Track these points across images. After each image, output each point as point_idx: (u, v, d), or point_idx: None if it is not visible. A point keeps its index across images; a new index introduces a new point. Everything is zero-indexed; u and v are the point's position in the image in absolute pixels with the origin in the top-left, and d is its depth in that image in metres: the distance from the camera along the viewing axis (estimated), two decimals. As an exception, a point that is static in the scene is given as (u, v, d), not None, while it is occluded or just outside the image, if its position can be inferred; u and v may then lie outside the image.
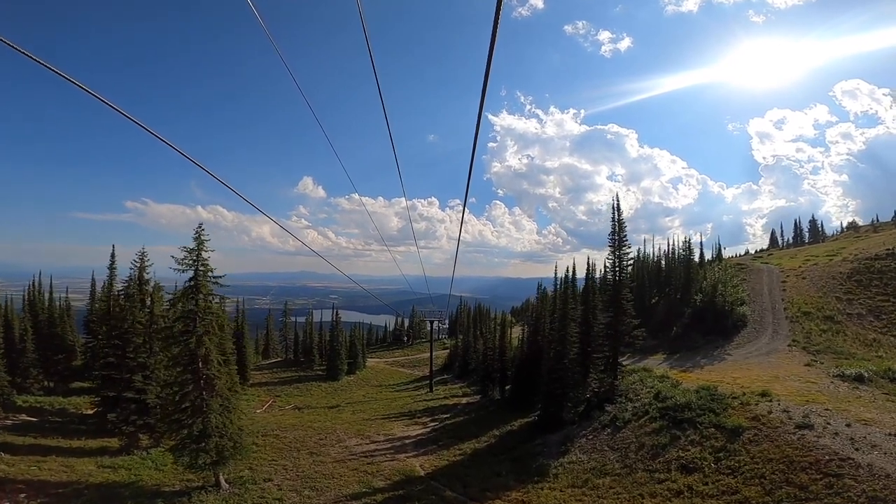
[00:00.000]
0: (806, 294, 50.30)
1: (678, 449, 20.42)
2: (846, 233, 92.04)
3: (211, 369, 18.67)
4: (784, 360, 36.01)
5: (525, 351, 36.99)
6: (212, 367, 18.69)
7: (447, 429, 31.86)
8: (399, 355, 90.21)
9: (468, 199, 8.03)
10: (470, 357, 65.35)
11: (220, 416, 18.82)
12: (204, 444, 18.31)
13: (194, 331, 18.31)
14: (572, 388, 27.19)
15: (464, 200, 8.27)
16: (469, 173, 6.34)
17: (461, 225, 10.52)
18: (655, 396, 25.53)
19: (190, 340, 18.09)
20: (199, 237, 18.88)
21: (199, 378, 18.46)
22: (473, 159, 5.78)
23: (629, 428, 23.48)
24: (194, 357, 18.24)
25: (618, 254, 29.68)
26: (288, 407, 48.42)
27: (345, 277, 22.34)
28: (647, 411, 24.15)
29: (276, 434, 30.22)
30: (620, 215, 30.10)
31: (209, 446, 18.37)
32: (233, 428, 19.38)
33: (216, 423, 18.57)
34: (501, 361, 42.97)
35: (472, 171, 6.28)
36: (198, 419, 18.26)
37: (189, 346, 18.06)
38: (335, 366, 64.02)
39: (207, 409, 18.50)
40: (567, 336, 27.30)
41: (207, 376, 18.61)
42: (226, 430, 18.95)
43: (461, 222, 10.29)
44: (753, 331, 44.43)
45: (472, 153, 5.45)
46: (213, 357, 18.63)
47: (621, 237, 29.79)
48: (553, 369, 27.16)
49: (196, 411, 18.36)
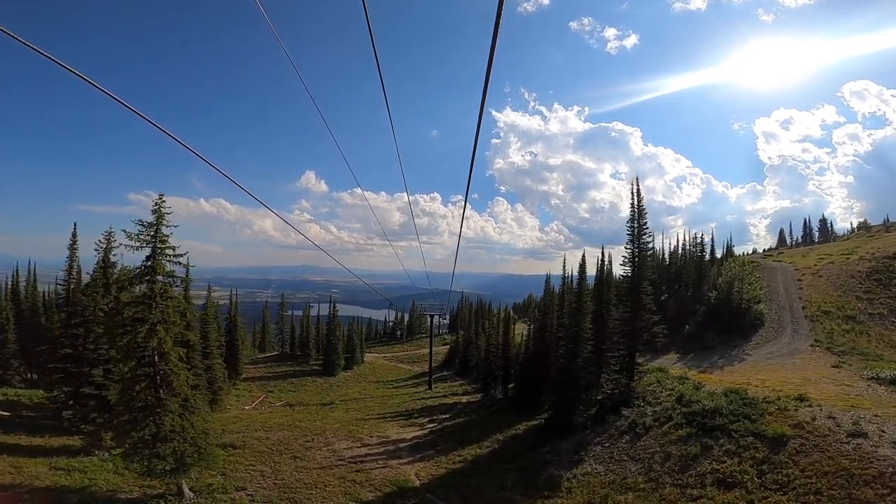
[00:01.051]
0: (824, 293, 47.70)
1: (712, 460, 17.61)
2: (858, 232, 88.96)
3: (168, 364, 15.76)
4: (809, 361, 33.39)
5: (531, 348, 34.10)
6: (169, 361, 15.78)
7: (446, 431, 28.98)
8: (398, 350, 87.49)
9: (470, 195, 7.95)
10: (471, 353, 62.56)
11: (178, 418, 15.91)
12: (159, 449, 15.44)
13: (146, 319, 15.36)
14: (585, 389, 24.28)
15: (465, 196, 7.87)
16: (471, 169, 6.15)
17: (462, 221, 10.12)
18: (678, 400, 22.64)
19: (140, 330, 15.15)
20: (158, 209, 15.94)
21: (154, 374, 15.57)
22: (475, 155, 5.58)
23: (651, 435, 20.58)
24: (146, 350, 15.32)
25: (637, 243, 26.70)
26: (279, 403, 45.63)
27: (346, 272, 20.03)
28: (670, 416, 21.26)
29: (258, 435, 27.36)
30: (641, 202, 27.12)
31: (165, 452, 15.51)
32: (194, 431, 16.47)
33: (174, 425, 15.68)
34: (505, 359, 40.09)
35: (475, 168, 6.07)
36: (151, 421, 15.37)
37: (138, 337, 15.12)
38: (331, 361, 61.29)
39: (163, 409, 15.61)
40: (581, 333, 24.37)
41: (163, 372, 15.71)
42: (185, 433, 16.05)
43: (462, 218, 9.90)
44: (772, 330, 41.54)
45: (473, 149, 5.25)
46: (169, 350, 15.70)
47: (640, 225, 26.80)
48: (565, 369, 24.25)
49: (149, 412, 15.47)
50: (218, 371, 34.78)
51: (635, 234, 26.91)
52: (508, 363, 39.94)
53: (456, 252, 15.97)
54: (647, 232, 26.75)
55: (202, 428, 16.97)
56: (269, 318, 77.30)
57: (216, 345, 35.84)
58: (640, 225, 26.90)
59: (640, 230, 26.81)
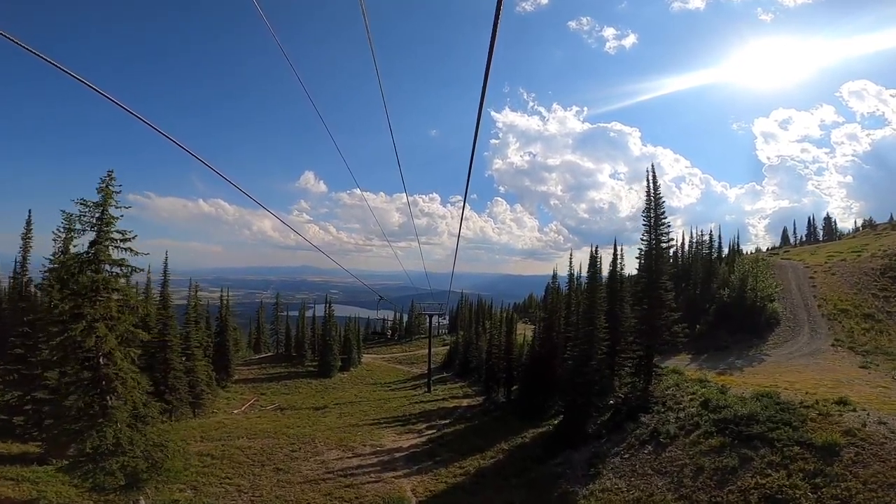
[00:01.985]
0: (839, 290, 45.61)
1: (754, 474, 15.21)
2: (863, 231, 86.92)
3: (118, 367, 13.22)
4: (833, 362, 31.21)
5: (536, 350, 31.58)
6: (116, 364, 13.24)
7: (446, 439, 26.40)
8: (397, 351, 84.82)
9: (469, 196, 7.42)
10: (471, 354, 59.95)
11: (128, 428, 13.36)
12: (106, 463, 12.90)
13: (84, 315, 12.83)
14: (599, 395, 21.77)
15: (464, 197, 7.60)
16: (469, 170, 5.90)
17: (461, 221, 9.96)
18: (704, 405, 20.20)
19: (75, 327, 12.61)
20: (106, 188, 13.40)
21: (97, 379, 13.04)
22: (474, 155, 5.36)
23: (678, 445, 18.09)
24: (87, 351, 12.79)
25: (654, 234, 24.27)
26: (270, 407, 42.99)
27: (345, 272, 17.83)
28: (697, 424, 18.79)
29: (240, 443, 24.79)
30: (657, 189, 24.70)
31: (112, 467, 12.97)
32: (147, 443, 13.90)
33: (120, 437, 13.12)
34: (508, 361, 37.54)
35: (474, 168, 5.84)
36: (94, 431, 12.82)
37: (73, 334, 12.59)
38: (327, 362, 58.65)
39: (107, 418, 13.06)
40: (595, 333, 21.84)
41: (107, 376, 13.16)
42: (136, 446, 13.48)
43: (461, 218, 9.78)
44: (788, 329, 39.24)
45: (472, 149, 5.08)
46: (114, 351, 13.16)
47: (658, 214, 24.37)
48: (576, 372, 21.71)
49: (91, 421, 12.92)
50: (201, 373, 32.24)
51: (652, 225, 24.49)
52: (511, 365, 37.42)
53: (455, 252, 15.30)
54: (664, 222, 24.34)
55: (157, 440, 14.40)
56: (263, 319, 74.67)
57: (198, 346, 33.32)
58: (656, 215, 24.49)
59: (656, 220, 24.39)
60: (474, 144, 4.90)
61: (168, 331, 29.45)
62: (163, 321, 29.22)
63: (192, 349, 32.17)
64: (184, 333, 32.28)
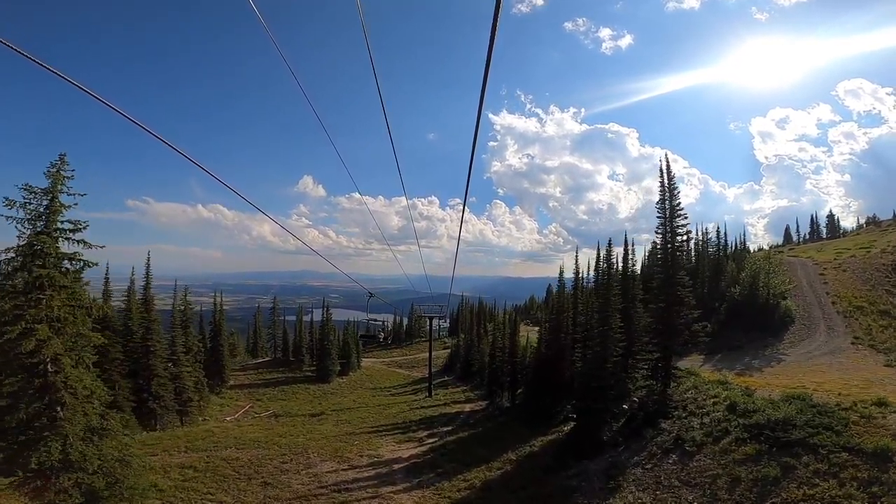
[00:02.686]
0: (852, 287, 43.99)
1: (799, 484, 13.42)
2: (868, 227, 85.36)
3: (66, 374, 11.39)
4: (856, 361, 29.46)
5: (542, 352, 29.74)
6: (64, 370, 11.42)
7: (449, 448, 24.48)
8: (397, 355, 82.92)
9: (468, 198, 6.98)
10: (473, 357, 58.11)
11: (81, 441, 11.51)
12: (55, 481, 11.06)
13: (23, 316, 11.02)
14: (615, 399, 19.91)
15: (464, 199, 7.33)
16: (469, 172, 5.70)
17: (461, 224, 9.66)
18: (730, 409, 18.41)
19: (12, 329, 10.82)
20: (57, 172, 11.60)
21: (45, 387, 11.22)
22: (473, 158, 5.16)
23: (706, 453, 16.23)
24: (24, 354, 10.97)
25: (670, 227, 22.50)
26: (264, 414, 41.03)
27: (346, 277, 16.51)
28: (726, 430, 16.94)
29: (227, 454, 22.87)
30: (672, 179, 22.96)
31: (64, 483, 11.13)
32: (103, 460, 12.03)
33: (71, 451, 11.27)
34: (512, 364, 35.66)
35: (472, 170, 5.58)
36: (41, 446, 10.99)
37: (10, 337, 10.78)
38: (325, 367, 56.74)
39: (56, 431, 11.23)
40: (610, 333, 19.99)
41: (54, 384, 11.33)
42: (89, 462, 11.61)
43: (461, 221, 9.45)
44: (804, 327, 37.42)
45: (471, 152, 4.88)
46: (58, 355, 11.33)
47: (673, 206, 22.61)
48: (592, 376, 19.85)
49: (37, 434, 11.10)
50: (188, 380, 30.37)
51: (667, 217, 22.72)
52: (516, 368, 35.55)
53: (455, 255, 14.86)
54: (681, 213, 22.59)
55: (116, 455, 12.52)
56: (261, 323, 72.76)
57: (185, 351, 31.47)
58: (672, 206, 22.74)
59: (672, 212, 22.63)
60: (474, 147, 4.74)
61: (151, 335, 27.64)
62: (145, 325, 27.42)
63: (178, 354, 30.30)
64: (169, 338, 30.42)
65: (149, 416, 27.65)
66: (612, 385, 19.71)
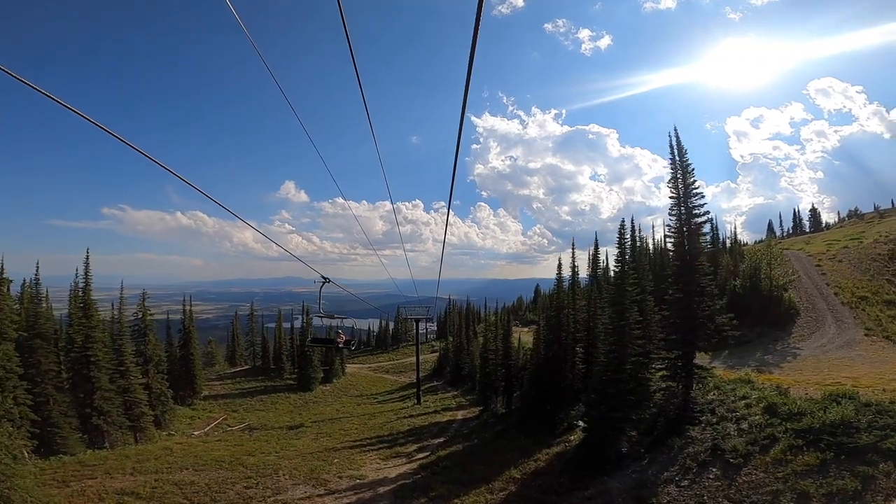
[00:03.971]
0: (851, 277, 42.71)
1: (886, 496, 10.66)
2: (850, 221, 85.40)
3: None
4: (876, 353, 27.75)
5: (541, 353, 26.81)
6: None
7: (441, 465, 21.20)
8: (384, 360, 79.41)
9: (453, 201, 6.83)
10: (463, 360, 55.06)
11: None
12: None
13: None
14: (635, 406, 16.99)
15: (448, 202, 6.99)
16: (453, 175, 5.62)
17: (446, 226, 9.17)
18: (769, 411, 15.73)
19: None
20: None
21: None
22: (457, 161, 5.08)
23: (756, 465, 13.37)
24: None
25: (685, 207, 19.81)
26: (237, 427, 37.23)
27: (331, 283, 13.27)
28: (772, 436, 14.15)
29: (181, 477, 19.20)
30: (684, 154, 20.33)
31: None
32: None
33: None
34: (507, 367, 32.64)
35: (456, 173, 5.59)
36: None
37: None
38: (307, 375, 53.08)
39: None
40: (627, 329, 17.07)
41: None
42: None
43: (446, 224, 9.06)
44: (810, 320, 35.47)
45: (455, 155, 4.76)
46: None
47: (688, 183, 19.94)
48: (609, 380, 16.89)
49: None
50: (139, 393, 26.47)
51: (681, 196, 20.02)
52: (510, 372, 32.55)
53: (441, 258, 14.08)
54: (696, 192, 19.92)
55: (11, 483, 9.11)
56: (239, 330, 68.49)
57: (135, 362, 27.52)
58: (686, 184, 20.08)
59: (686, 190, 19.95)
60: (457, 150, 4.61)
61: (92, 345, 23.81)
62: (84, 333, 23.54)
63: (126, 365, 26.42)
64: (115, 347, 26.56)
65: (96, 433, 23.88)
66: (631, 389, 16.80)
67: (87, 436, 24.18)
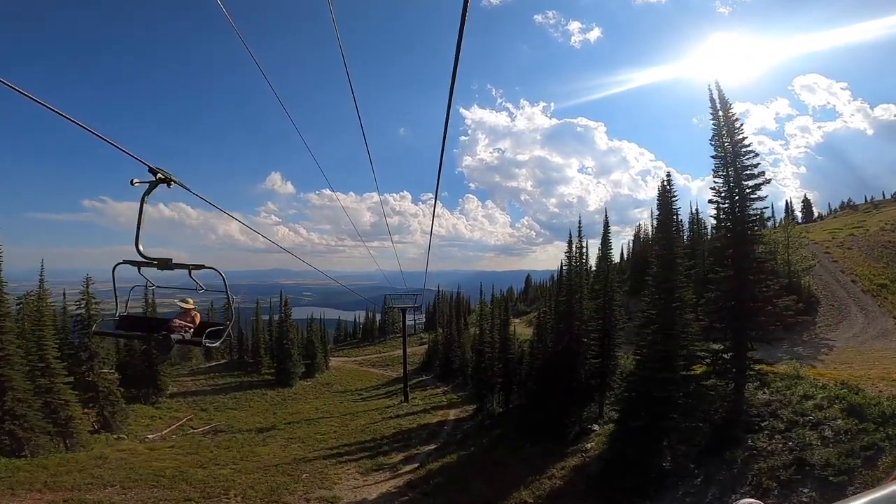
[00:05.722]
0: (865, 265, 40.16)
1: None
2: (845, 210, 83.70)
3: None
4: None
5: (548, 345, 22.96)
6: None
7: (434, 483, 17.18)
8: (370, 353, 75.24)
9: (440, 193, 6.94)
10: (453, 354, 51.14)
11: None
12: None
13: None
14: (686, 413, 13.10)
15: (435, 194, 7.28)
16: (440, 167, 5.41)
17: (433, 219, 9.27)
18: (852, 414, 12.15)
19: None
20: None
21: None
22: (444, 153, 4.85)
23: (862, 482, 9.78)
24: None
25: (733, 169, 15.96)
26: (202, 429, 32.74)
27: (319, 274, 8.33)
28: (874, 445, 10.58)
29: (104, 495, 14.84)
30: (728, 108, 16.48)
31: None
32: None
33: None
34: (504, 361, 28.75)
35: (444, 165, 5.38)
36: None
37: None
38: (286, 369, 48.59)
39: None
40: (677, 315, 13.08)
41: None
42: None
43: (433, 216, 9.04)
44: (832, 308, 32.35)
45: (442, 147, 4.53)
46: None
47: (735, 141, 16.10)
48: (654, 380, 12.94)
49: None
50: (65, 394, 21.83)
51: (728, 156, 16.17)
52: (509, 367, 28.68)
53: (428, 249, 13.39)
54: (746, 149, 16.08)
55: None
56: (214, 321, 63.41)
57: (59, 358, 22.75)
58: (733, 141, 16.26)
59: (735, 147, 16.12)
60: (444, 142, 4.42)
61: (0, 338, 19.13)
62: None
63: (47, 361, 21.71)
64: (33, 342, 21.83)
65: (12, 439, 19.34)
66: (684, 393, 12.90)
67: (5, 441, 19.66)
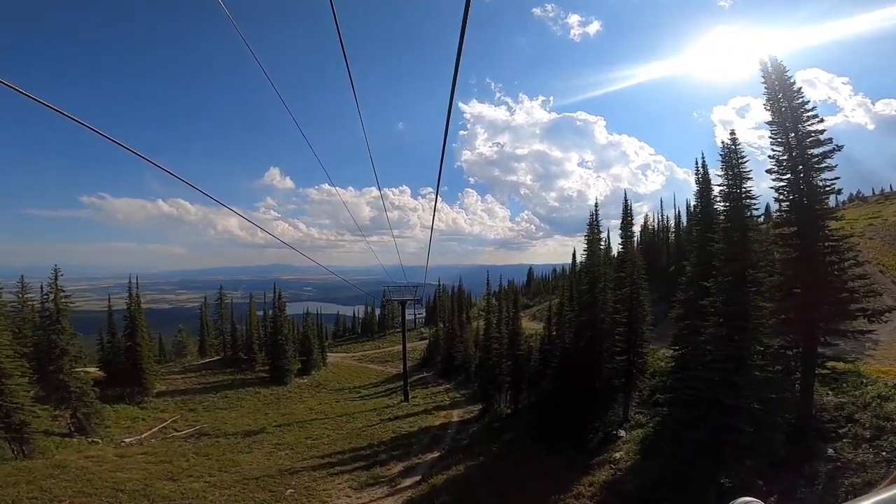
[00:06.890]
0: (889, 254, 38.57)
1: None
2: (854, 202, 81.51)
3: None
4: None
5: (566, 340, 20.34)
6: None
7: (438, 500, 14.63)
8: (370, 348, 72.84)
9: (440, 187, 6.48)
10: (455, 349, 48.62)
11: None
12: None
13: None
14: (763, 427, 10.42)
15: (436, 189, 6.96)
16: (441, 161, 5.19)
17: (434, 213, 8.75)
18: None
19: None
20: None
21: None
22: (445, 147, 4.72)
23: None
24: None
25: (795, 134, 13.28)
26: (184, 432, 30.15)
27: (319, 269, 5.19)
28: None
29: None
30: (783, 72, 13.76)
31: None
32: None
33: None
34: (514, 358, 26.14)
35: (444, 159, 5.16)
36: None
37: None
38: (280, 366, 46.02)
39: None
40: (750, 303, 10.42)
41: None
42: None
43: (434, 210, 8.60)
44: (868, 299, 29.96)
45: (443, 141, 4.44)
46: None
47: (794, 106, 13.38)
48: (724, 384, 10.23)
49: None
50: (20, 396, 19.15)
51: (787, 123, 13.51)
52: (518, 364, 26.08)
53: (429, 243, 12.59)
54: (808, 114, 13.38)
55: None
56: (208, 318, 60.91)
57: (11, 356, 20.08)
58: (792, 106, 13.56)
59: (794, 113, 13.42)
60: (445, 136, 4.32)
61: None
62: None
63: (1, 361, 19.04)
64: None
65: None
66: (759, 400, 10.24)
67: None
